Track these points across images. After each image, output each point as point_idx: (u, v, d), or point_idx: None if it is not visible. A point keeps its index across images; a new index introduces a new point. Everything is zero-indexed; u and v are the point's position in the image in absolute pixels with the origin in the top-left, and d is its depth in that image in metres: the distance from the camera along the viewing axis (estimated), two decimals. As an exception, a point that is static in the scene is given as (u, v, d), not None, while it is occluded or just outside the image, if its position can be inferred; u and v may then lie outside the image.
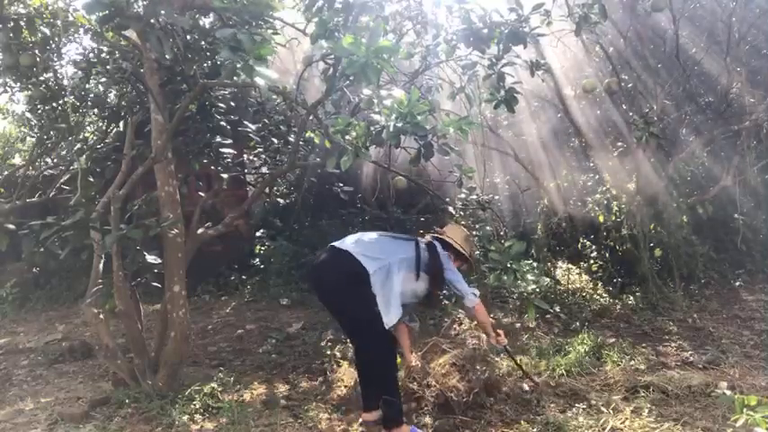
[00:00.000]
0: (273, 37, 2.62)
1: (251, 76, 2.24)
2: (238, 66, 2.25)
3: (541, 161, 7.43)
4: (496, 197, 5.72)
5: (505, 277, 3.35)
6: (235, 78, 3.19)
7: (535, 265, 5.54)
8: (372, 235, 3.23)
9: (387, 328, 2.89)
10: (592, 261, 5.83)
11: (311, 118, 3.31)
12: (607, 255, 5.64)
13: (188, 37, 3.54)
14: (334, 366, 3.95)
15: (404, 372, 3.32)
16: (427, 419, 3.09)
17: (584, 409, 3.14)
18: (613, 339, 4.23)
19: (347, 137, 2.58)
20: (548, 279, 5.34)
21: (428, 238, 3.30)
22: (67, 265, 5.71)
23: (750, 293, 5.43)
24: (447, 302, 5.00)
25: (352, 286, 2.92)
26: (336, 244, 3.08)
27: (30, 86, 4.20)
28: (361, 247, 3.01)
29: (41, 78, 4.16)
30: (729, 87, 5.53)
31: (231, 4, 2.30)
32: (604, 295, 5.38)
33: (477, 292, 3.14)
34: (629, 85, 5.70)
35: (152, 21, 2.35)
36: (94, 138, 5.21)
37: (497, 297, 5.33)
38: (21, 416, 3.41)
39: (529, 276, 3.99)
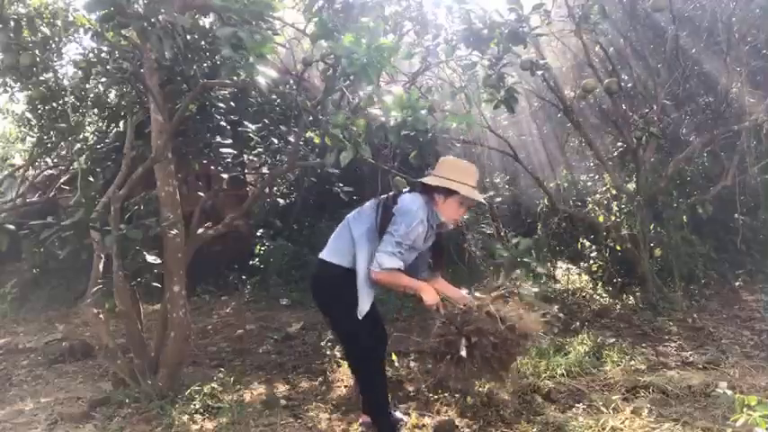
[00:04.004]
0: (274, 37, 2.62)
1: (252, 74, 2.23)
2: (239, 63, 2.24)
3: (541, 161, 7.43)
4: (498, 199, 5.72)
5: (519, 272, 3.28)
6: (234, 78, 3.19)
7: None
8: (340, 226, 2.87)
9: (360, 318, 2.67)
10: (592, 261, 5.83)
11: (311, 118, 3.31)
12: (607, 255, 5.64)
13: (188, 37, 3.54)
14: (334, 366, 3.95)
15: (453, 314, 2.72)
16: (426, 419, 3.09)
17: (584, 409, 3.15)
18: (613, 339, 4.23)
19: (345, 133, 2.55)
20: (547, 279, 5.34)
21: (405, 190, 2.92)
22: (67, 265, 5.70)
23: (750, 293, 5.43)
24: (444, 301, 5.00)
25: (335, 297, 2.77)
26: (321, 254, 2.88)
27: (30, 86, 4.20)
28: (332, 247, 2.80)
29: (41, 78, 4.16)
30: (729, 87, 5.53)
31: (231, 4, 2.29)
32: (604, 295, 5.38)
33: (391, 265, 2.61)
34: (629, 85, 5.70)
35: (152, 20, 2.35)
36: (94, 138, 5.20)
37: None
38: (21, 416, 3.41)
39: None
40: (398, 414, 3.02)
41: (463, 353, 2.50)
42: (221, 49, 2.24)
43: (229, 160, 4.58)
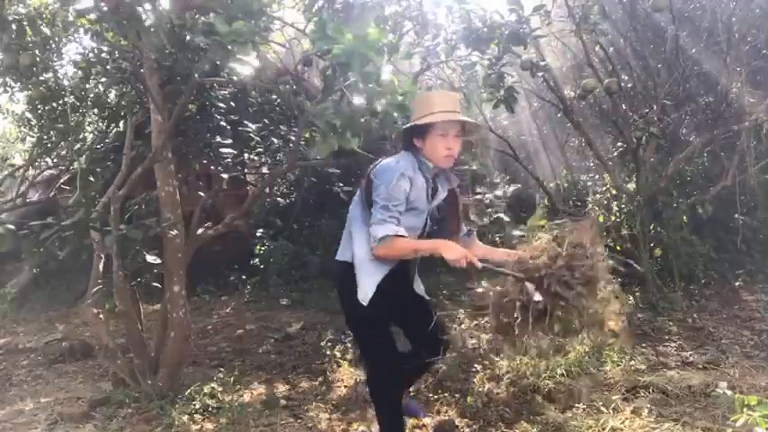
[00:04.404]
0: (263, 32, 2.57)
1: (225, 60, 2.19)
2: (209, 45, 2.19)
3: (541, 161, 7.44)
4: (511, 187, 5.70)
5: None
6: (234, 78, 3.16)
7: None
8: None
9: (365, 303, 2.40)
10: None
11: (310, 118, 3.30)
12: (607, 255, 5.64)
13: (188, 37, 3.53)
14: (334, 366, 3.95)
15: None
16: (426, 420, 3.09)
17: (584, 409, 3.15)
18: (613, 339, 4.23)
19: (328, 122, 2.45)
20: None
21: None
22: (67, 265, 5.70)
23: (750, 293, 5.43)
24: (447, 302, 5.00)
25: (343, 294, 2.58)
26: None
27: (30, 86, 4.20)
28: (340, 246, 2.61)
29: (41, 78, 4.16)
30: (729, 87, 5.53)
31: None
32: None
33: (386, 232, 2.26)
34: (629, 85, 5.70)
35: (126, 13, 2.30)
36: (93, 137, 5.21)
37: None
38: (21, 416, 3.41)
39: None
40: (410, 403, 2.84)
41: (537, 297, 2.07)
42: (195, 37, 2.20)
43: (229, 160, 4.58)
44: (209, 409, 3.29)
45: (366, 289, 2.40)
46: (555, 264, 2.13)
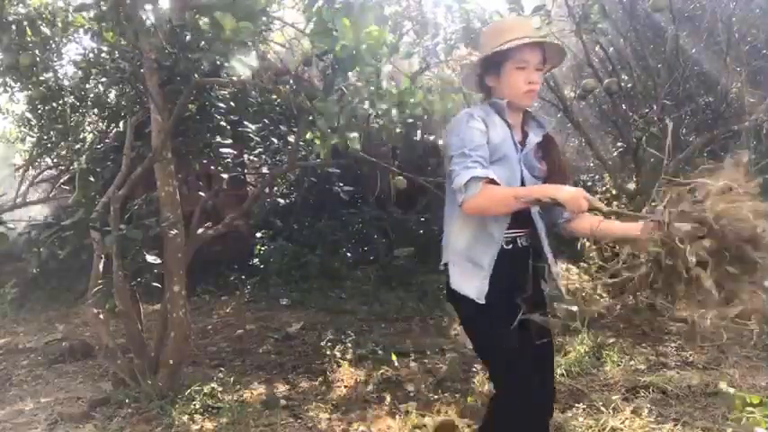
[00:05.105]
0: (263, 31, 2.58)
1: (226, 57, 2.20)
2: (208, 44, 2.20)
3: (541, 161, 7.42)
4: None
5: None
6: (234, 78, 3.17)
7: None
8: None
9: (481, 301, 1.91)
10: (592, 261, 5.82)
11: (310, 117, 3.30)
12: (607, 254, 5.63)
13: (187, 37, 3.53)
14: (334, 366, 3.95)
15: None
16: (426, 419, 3.09)
17: (584, 409, 3.15)
18: (613, 339, 4.23)
19: (329, 119, 2.41)
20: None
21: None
22: (67, 265, 5.71)
23: (750, 293, 5.43)
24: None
25: (452, 295, 2.04)
26: None
27: (30, 86, 4.20)
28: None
29: (41, 78, 4.17)
30: (729, 87, 5.53)
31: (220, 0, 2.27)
32: (604, 295, 5.37)
33: (470, 175, 1.78)
34: (629, 85, 5.70)
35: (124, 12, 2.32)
36: (93, 137, 5.21)
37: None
38: (21, 416, 3.41)
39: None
40: None
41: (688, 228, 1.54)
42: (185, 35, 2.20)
43: (229, 160, 4.58)
44: (209, 409, 3.29)
45: (470, 281, 1.93)
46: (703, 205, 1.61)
